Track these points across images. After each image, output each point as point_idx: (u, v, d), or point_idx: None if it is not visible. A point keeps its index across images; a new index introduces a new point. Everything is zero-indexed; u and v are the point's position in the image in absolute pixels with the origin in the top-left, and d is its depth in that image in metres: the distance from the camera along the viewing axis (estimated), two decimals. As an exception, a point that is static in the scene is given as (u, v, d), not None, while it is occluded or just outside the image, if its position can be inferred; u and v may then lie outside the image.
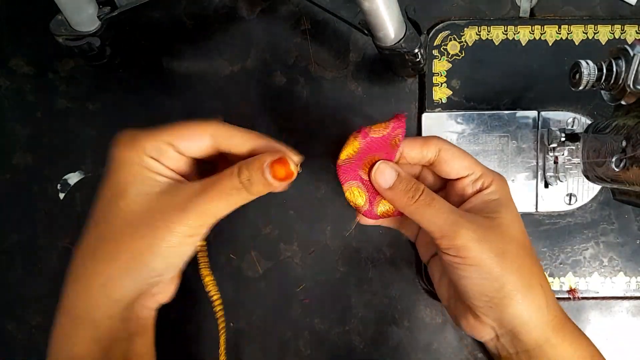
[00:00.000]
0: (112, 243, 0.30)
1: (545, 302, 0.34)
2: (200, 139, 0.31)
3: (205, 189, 0.30)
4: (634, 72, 0.31)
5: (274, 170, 0.30)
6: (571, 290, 0.44)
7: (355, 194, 0.36)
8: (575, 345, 0.35)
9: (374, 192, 0.36)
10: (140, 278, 0.30)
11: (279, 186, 0.31)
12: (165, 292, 0.35)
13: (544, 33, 0.43)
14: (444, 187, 0.38)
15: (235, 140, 0.32)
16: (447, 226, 0.33)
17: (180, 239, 0.30)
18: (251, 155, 0.32)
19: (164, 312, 0.35)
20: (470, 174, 0.35)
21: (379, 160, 0.35)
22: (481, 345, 0.44)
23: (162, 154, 0.31)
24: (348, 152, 0.35)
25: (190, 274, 0.35)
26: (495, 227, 0.33)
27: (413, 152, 0.35)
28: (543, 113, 0.43)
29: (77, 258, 0.32)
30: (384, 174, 0.35)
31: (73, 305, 0.31)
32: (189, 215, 0.29)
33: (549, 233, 0.44)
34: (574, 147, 0.42)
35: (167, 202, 0.30)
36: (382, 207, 0.36)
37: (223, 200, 0.30)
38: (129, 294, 0.31)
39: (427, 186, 0.37)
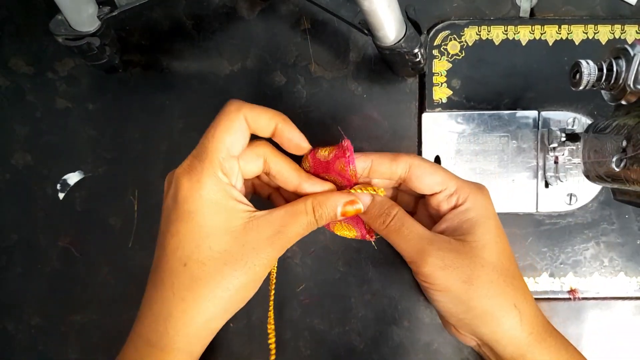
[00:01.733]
0: (212, 283, 0.31)
1: (520, 321, 0.34)
2: (241, 128, 0.33)
3: (286, 224, 0.33)
4: (634, 71, 0.31)
5: (345, 210, 0.34)
6: (572, 291, 0.44)
7: (345, 231, 0.38)
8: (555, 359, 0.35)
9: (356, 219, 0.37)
10: (234, 311, 0.33)
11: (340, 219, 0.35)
12: None
13: (544, 33, 0.43)
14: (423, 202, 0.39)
15: (262, 117, 0.33)
16: (414, 253, 0.34)
17: (267, 270, 0.33)
18: (273, 136, 0.34)
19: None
20: (444, 189, 0.35)
21: (341, 182, 0.36)
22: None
23: (230, 172, 0.33)
24: (304, 165, 0.36)
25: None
26: (467, 252, 0.34)
27: (382, 168, 0.35)
28: (543, 113, 0.43)
29: (169, 295, 0.32)
30: (362, 197, 0.35)
31: (173, 341, 0.32)
32: (276, 251, 0.33)
33: (550, 233, 0.44)
34: (574, 147, 0.42)
35: (256, 238, 0.32)
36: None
37: (299, 234, 0.33)
38: (221, 326, 0.33)
39: (404, 203, 0.39)
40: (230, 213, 0.32)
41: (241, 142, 0.33)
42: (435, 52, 0.44)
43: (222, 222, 0.31)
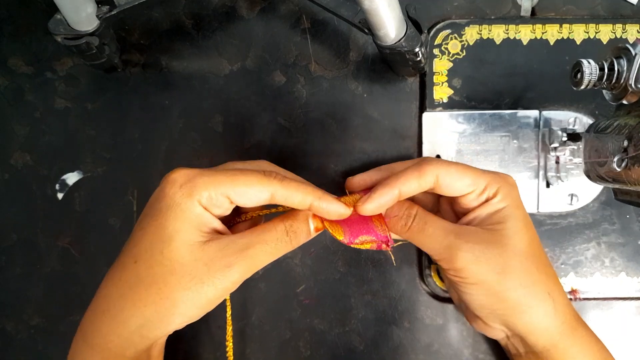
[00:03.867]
0: (154, 288, 0.30)
1: (553, 310, 0.33)
2: (258, 197, 0.31)
3: (251, 244, 0.31)
4: (636, 71, 0.31)
5: (316, 221, 0.34)
6: (573, 291, 0.44)
7: (363, 237, 0.35)
8: (585, 350, 0.34)
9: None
10: (176, 323, 0.31)
11: (313, 235, 0.34)
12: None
13: (545, 32, 0.43)
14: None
15: (295, 199, 0.32)
16: (442, 250, 0.33)
17: (221, 293, 0.31)
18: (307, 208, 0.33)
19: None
20: (475, 189, 0.34)
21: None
22: (482, 346, 0.43)
23: (215, 204, 0.31)
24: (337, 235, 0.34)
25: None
26: (497, 241, 0.33)
27: (410, 189, 0.34)
28: (544, 113, 0.43)
29: (111, 290, 0.31)
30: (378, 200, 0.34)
31: (103, 341, 0.31)
32: (235, 272, 0.30)
33: (551, 233, 0.44)
34: (575, 147, 0.42)
35: (212, 256, 0.30)
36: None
37: (267, 253, 0.31)
38: (160, 335, 0.32)
39: (425, 202, 0.38)
40: (195, 228, 0.30)
41: (249, 198, 0.31)
42: (435, 51, 0.44)
43: (183, 233, 0.30)
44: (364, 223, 0.35)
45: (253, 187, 0.31)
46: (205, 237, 0.31)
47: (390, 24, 0.34)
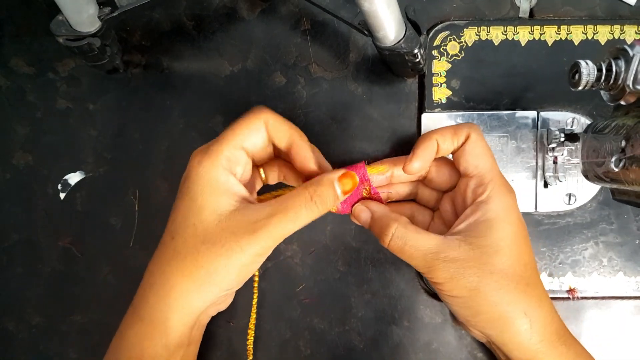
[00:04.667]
0: (189, 258, 0.32)
1: (529, 329, 0.34)
2: (258, 129, 0.34)
3: (276, 211, 0.32)
4: (634, 72, 0.31)
5: (342, 184, 0.34)
6: (570, 290, 0.44)
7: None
8: None
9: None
10: (213, 292, 0.33)
11: (342, 199, 0.35)
12: (226, 301, 0.39)
13: (544, 33, 0.44)
14: (451, 189, 0.39)
15: (282, 128, 0.35)
16: (422, 267, 0.34)
17: (252, 258, 0.32)
18: (288, 149, 0.35)
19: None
20: (479, 175, 0.35)
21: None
22: (481, 344, 0.44)
23: (235, 161, 0.33)
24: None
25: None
26: (476, 258, 0.33)
27: (446, 143, 0.36)
28: (542, 113, 0.43)
29: (155, 266, 0.34)
30: (360, 215, 0.37)
31: (150, 312, 0.33)
32: (260, 238, 0.32)
33: (549, 233, 0.44)
34: (573, 147, 0.42)
35: (239, 224, 0.32)
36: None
37: (291, 220, 0.32)
38: (201, 306, 0.33)
39: (426, 198, 0.40)
40: (221, 196, 0.32)
41: (254, 141, 0.34)
42: (434, 52, 0.44)
43: (211, 203, 0.32)
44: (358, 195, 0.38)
45: (251, 123, 0.34)
46: (233, 205, 0.32)
47: (389, 25, 0.35)
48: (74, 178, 0.45)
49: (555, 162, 0.43)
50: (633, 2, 0.44)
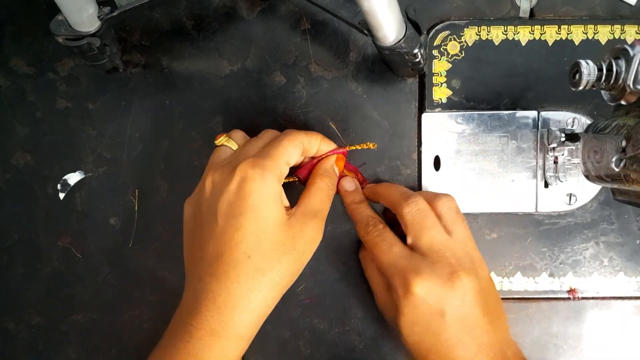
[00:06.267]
0: (273, 273, 0.34)
1: (476, 350, 0.35)
2: (299, 150, 0.37)
3: (313, 205, 0.37)
4: (634, 72, 0.31)
5: (338, 164, 0.40)
6: (571, 291, 0.44)
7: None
8: None
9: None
10: (283, 293, 0.36)
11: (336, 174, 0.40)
12: None
13: (544, 33, 0.43)
14: None
15: (312, 145, 0.39)
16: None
17: (312, 252, 0.37)
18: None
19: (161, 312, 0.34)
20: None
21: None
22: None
23: (284, 173, 0.36)
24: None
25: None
26: (409, 296, 0.36)
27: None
28: (543, 113, 0.43)
29: (235, 287, 0.33)
30: (346, 183, 0.42)
31: (236, 330, 0.34)
32: (317, 232, 0.36)
33: (549, 233, 0.44)
34: (574, 147, 0.42)
35: (300, 228, 0.35)
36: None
37: (325, 201, 0.38)
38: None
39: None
40: (280, 209, 0.35)
41: (295, 158, 0.37)
42: (435, 52, 0.44)
43: (277, 216, 0.34)
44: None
45: (294, 143, 0.37)
46: (287, 214, 0.35)
47: (389, 25, 0.35)
48: (73, 178, 0.45)
49: (555, 162, 0.43)
50: (633, 1, 0.44)
